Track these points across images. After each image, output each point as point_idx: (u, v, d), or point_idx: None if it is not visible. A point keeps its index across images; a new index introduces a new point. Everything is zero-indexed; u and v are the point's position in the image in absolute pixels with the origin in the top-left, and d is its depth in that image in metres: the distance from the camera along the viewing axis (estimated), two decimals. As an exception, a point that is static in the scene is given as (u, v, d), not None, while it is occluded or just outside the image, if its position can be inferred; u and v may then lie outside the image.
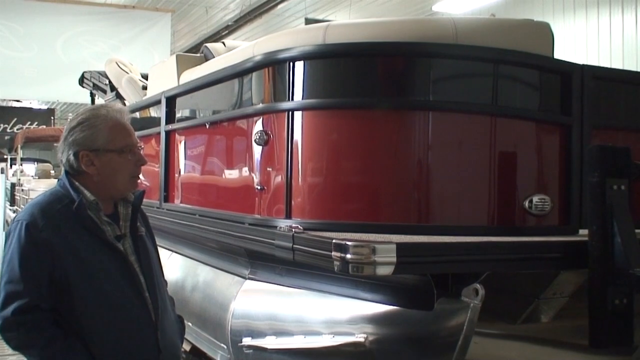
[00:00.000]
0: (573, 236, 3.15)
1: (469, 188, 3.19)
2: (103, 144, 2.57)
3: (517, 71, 3.27)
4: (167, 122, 4.81)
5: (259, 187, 3.51)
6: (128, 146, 2.63)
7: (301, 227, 3.05)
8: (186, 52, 19.00)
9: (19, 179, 17.75)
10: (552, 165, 3.30)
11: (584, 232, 3.10)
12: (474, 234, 2.98)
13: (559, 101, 3.29)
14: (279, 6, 15.51)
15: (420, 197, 3.21)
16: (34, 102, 25.36)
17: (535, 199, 3.14)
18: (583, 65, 3.34)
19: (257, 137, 3.45)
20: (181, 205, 4.62)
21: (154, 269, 2.72)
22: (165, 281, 2.93)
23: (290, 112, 3.31)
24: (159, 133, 4.98)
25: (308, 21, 14.55)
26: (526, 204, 3.14)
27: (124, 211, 2.70)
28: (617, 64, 11.62)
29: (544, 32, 3.35)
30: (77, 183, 2.60)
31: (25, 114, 25.13)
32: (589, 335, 2.76)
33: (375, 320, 3.03)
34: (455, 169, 3.18)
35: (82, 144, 2.57)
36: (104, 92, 7.71)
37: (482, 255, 2.75)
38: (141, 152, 2.72)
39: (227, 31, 17.59)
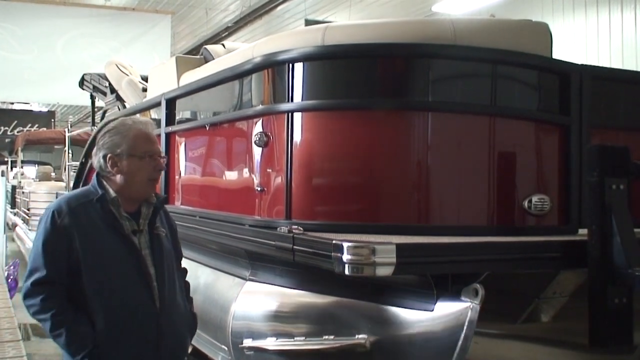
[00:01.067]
0: (572, 236, 3.16)
1: (469, 188, 3.21)
2: (126, 149, 2.94)
3: (516, 72, 3.28)
4: (167, 124, 4.81)
5: (259, 189, 3.52)
6: (147, 152, 2.98)
7: (301, 229, 3.06)
8: (186, 53, 19.01)
9: (20, 182, 17.78)
10: (551, 165, 3.30)
11: (583, 231, 3.11)
12: (474, 234, 2.99)
13: (558, 101, 3.30)
14: (279, 7, 15.52)
15: (420, 197, 3.22)
16: (34, 105, 25.40)
17: (534, 198, 3.15)
18: (582, 65, 3.36)
19: (257, 138, 3.46)
20: (182, 207, 4.63)
21: (165, 265, 3.01)
22: (187, 282, 3.32)
23: (289, 114, 3.32)
24: (158, 135, 4.99)
25: (308, 22, 14.56)
26: (525, 203, 3.15)
27: (145, 211, 3.05)
28: (616, 64, 11.63)
29: (543, 33, 3.36)
30: (104, 182, 3.00)
31: (26, 117, 25.15)
32: (589, 334, 2.77)
33: (376, 321, 3.03)
34: (454, 170, 3.19)
35: (109, 148, 2.96)
36: (104, 94, 7.71)
37: (481, 255, 2.77)
38: (162, 160, 3.07)
39: (227, 33, 17.60)
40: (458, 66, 3.23)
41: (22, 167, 19.74)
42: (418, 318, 2.86)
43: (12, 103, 24.78)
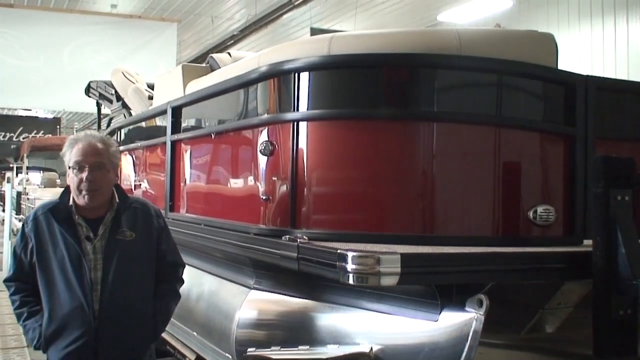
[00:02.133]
0: (577, 247, 3.16)
1: (474, 198, 3.20)
2: (67, 162, 3.22)
3: (521, 82, 3.28)
4: (173, 132, 4.83)
5: (264, 197, 3.53)
6: (75, 165, 3.17)
7: (306, 238, 3.06)
8: (192, 61, 19.08)
9: (25, 188, 17.79)
10: (556, 175, 3.30)
11: (588, 242, 3.11)
12: (479, 244, 2.99)
13: (563, 112, 3.30)
14: (285, 16, 15.56)
15: (425, 207, 3.22)
16: (40, 111, 25.46)
17: (539, 209, 3.15)
18: (587, 76, 3.35)
19: (263, 147, 3.47)
20: (187, 214, 4.63)
21: (119, 270, 3.18)
22: (172, 284, 3.48)
23: (295, 123, 3.33)
24: (164, 143, 5.00)
25: (314, 31, 14.59)
26: (530, 214, 3.15)
27: (109, 216, 3.24)
28: (622, 74, 11.63)
29: (548, 43, 3.37)
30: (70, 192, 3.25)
31: (32, 123, 25.25)
32: (593, 345, 2.76)
33: (380, 330, 3.03)
34: (459, 180, 3.19)
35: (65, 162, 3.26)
36: (110, 101, 7.73)
37: (486, 265, 2.76)
38: (89, 173, 3.16)
39: (232, 41, 17.65)
40: (463, 76, 3.24)
41: (27, 174, 19.77)
42: (422, 328, 2.85)
43: (16, 109, 24.86)
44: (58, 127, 25.32)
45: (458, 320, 2.71)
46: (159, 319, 3.38)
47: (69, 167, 3.19)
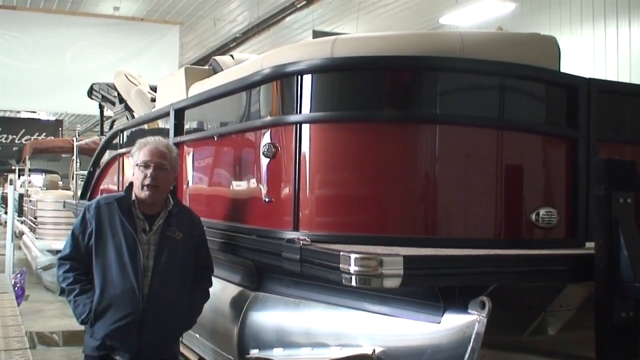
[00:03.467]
0: (579, 249, 3.16)
1: (476, 201, 3.21)
2: (134, 161, 3.67)
3: (524, 85, 3.28)
4: (176, 134, 4.83)
5: (266, 199, 3.54)
6: (142, 163, 3.61)
7: (308, 240, 3.07)
8: (194, 64, 19.13)
9: (27, 190, 17.82)
10: (559, 178, 3.31)
11: (590, 245, 3.11)
12: (481, 246, 2.99)
13: (565, 114, 3.30)
14: (287, 19, 15.61)
15: (427, 209, 3.23)
16: (42, 114, 25.48)
17: (542, 211, 3.15)
18: (589, 78, 3.36)
19: (265, 149, 3.48)
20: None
21: (166, 262, 3.56)
22: (204, 286, 3.85)
23: (298, 125, 3.33)
24: (167, 145, 5.01)
25: (316, 34, 14.63)
26: (533, 216, 3.15)
27: (163, 215, 3.66)
28: (624, 77, 11.64)
29: (550, 46, 3.38)
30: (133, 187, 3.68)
31: (34, 125, 25.27)
32: (596, 348, 2.76)
33: (383, 332, 3.03)
34: (462, 182, 3.19)
35: (132, 160, 3.74)
36: (113, 104, 7.74)
37: (489, 268, 2.76)
38: (154, 172, 3.59)
39: (235, 43, 17.69)
40: (466, 79, 3.24)
41: (29, 176, 19.80)
42: (425, 330, 2.86)
43: (19, 112, 24.88)
44: (60, 129, 25.35)
45: (460, 323, 2.71)
46: (194, 312, 3.77)
47: (137, 165, 3.63)
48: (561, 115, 3.32)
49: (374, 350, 2.99)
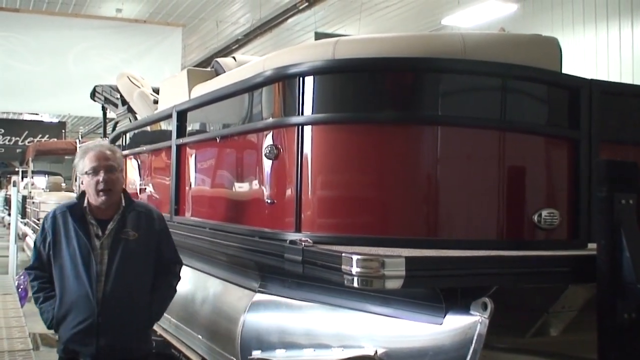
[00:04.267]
0: (581, 250, 3.16)
1: (478, 202, 3.21)
2: (81, 169, 3.72)
3: (526, 86, 3.28)
4: (178, 136, 4.84)
5: (269, 201, 3.54)
6: (91, 170, 3.66)
7: (311, 241, 3.07)
8: (196, 65, 19.15)
9: (30, 192, 17.84)
10: (561, 179, 3.31)
11: (592, 246, 3.11)
12: (483, 247, 2.99)
13: (567, 116, 3.30)
14: (289, 20, 15.61)
15: (429, 211, 3.23)
16: (45, 115, 25.51)
17: (544, 213, 3.15)
18: (591, 80, 3.36)
19: (267, 151, 3.48)
20: (192, 218, 4.65)
21: (121, 264, 3.65)
22: (169, 281, 3.94)
23: (300, 127, 3.33)
24: (169, 147, 5.02)
25: (318, 35, 14.62)
26: (535, 217, 3.15)
27: (116, 218, 3.72)
28: (627, 78, 11.62)
29: (552, 47, 3.38)
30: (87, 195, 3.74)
31: (37, 127, 25.29)
32: (598, 349, 2.76)
33: (385, 333, 3.03)
34: (464, 184, 3.19)
35: (77, 170, 3.81)
36: (116, 106, 7.75)
37: (491, 269, 2.76)
38: (105, 175, 3.66)
39: (237, 45, 17.71)
40: (467, 80, 3.24)
41: (32, 178, 19.83)
42: (427, 331, 2.86)
43: (21, 114, 24.89)
44: (63, 131, 25.36)
45: (462, 324, 2.71)
46: (155, 308, 3.85)
47: (86, 174, 3.67)
48: (563, 116, 3.32)
49: (376, 352, 3.00)
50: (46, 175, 23.47)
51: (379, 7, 15.31)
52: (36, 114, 24.59)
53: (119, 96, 7.43)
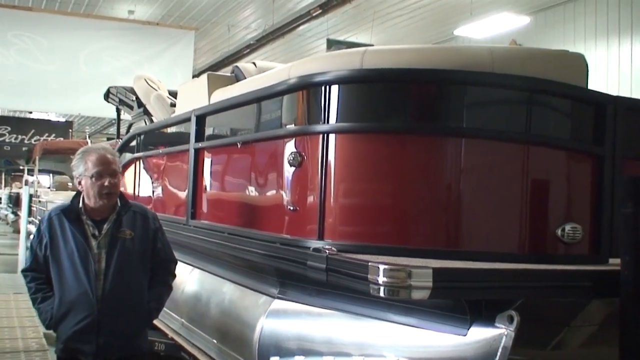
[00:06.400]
0: (604, 265, 3.17)
1: (501, 214, 3.22)
2: (83, 172, 3.75)
3: (552, 101, 3.30)
4: (197, 140, 4.86)
5: (291, 208, 3.56)
6: (95, 174, 3.71)
7: (335, 249, 3.08)
8: (206, 69, 19.16)
9: (36, 191, 17.85)
10: (584, 194, 3.31)
11: (613, 261, 3.13)
12: (505, 260, 3.00)
13: (592, 131, 3.31)
14: (301, 27, 15.63)
15: (452, 222, 3.24)
16: (52, 114, 25.52)
17: (567, 227, 3.16)
18: (616, 96, 3.38)
19: (291, 158, 3.50)
20: (209, 223, 4.66)
21: (119, 263, 3.73)
22: (166, 279, 4.05)
23: (325, 135, 3.35)
24: (186, 150, 5.04)
25: (330, 43, 14.67)
26: (559, 232, 3.16)
27: (111, 218, 3.80)
28: (637, 94, 11.62)
29: (579, 63, 3.40)
30: (81, 195, 3.81)
31: (43, 126, 25.30)
32: (620, 364, 2.77)
33: (407, 343, 3.04)
34: (487, 196, 3.21)
35: (75, 171, 3.81)
36: (131, 107, 7.78)
37: (518, 282, 2.78)
38: (110, 180, 3.74)
39: (248, 50, 17.74)
40: (494, 93, 3.26)
41: (38, 176, 19.83)
42: (450, 342, 2.86)
43: (31, 112, 24.92)
44: (70, 130, 25.39)
45: (487, 336, 2.71)
46: (153, 305, 3.95)
47: (89, 177, 3.72)
48: (588, 132, 3.33)
49: (398, 361, 3.00)
50: (50, 175, 23.46)
51: (391, 16, 15.34)
52: (41, 113, 24.59)
53: (134, 98, 7.46)
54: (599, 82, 12.16)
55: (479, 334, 2.76)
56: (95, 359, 3.71)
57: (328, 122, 3.37)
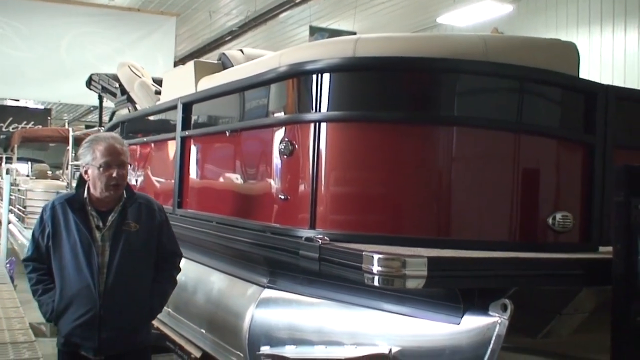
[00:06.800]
0: (595, 253, 3.18)
1: (492, 203, 3.23)
2: (90, 161, 3.63)
3: (544, 89, 3.30)
4: (183, 128, 4.82)
5: (281, 197, 3.54)
6: (104, 164, 3.60)
7: (327, 239, 3.07)
8: (187, 56, 19.05)
9: (15, 179, 17.64)
10: (575, 183, 3.33)
11: (603, 249, 3.14)
12: (496, 249, 3.01)
13: (583, 120, 3.33)
14: (283, 14, 15.54)
15: (443, 211, 3.24)
16: (29, 102, 25.22)
17: (558, 215, 3.17)
18: (607, 85, 3.38)
19: (282, 146, 3.48)
20: (197, 212, 4.62)
21: (123, 256, 3.62)
22: (168, 272, 3.93)
23: (317, 123, 3.33)
24: (172, 138, 5.00)
25: (312, 29, 14.61)
26: (550, 220, 3.17)
27: (117, 209, 3.69)
28: (618, 82, 11.68)
29: (570, 52, 3.40)
30: (87, 185, 3.69)
31: (21, 113, 24.93)
32: (612, 351, 2.78)
33: (400, 332, 3.04)
34: (478, 184, 3.21)
35: (82, 160, 3.69)
36: (114, 95, 7.69)
37: (511, 270, 2.78)
38: (119, 171, 3.63)
39: (230, 37, 17.61)
40: (485, 82, 3.26)
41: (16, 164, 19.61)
42: (444, 331, 2.86)
43: (5, 99, 24.60)
44: (48, 118, 25.06)
45: (481, 324, 2.72)
46: (156, 300, 3.84)
47: (97, 166, 3.59)
48: (579, 120, 3.34)
49: (390, 350, 3.00)
50: (29, 162, 23.21)
51: (373, 3, 15.28)
52: (18, 100, 24.28)
53: (117, 85, 7.37)
54: (581, 70, 12.19)
55: (472, 323, 2.77)
56: (97, 354, 3.64)
57: (320, 110, 3.36)
